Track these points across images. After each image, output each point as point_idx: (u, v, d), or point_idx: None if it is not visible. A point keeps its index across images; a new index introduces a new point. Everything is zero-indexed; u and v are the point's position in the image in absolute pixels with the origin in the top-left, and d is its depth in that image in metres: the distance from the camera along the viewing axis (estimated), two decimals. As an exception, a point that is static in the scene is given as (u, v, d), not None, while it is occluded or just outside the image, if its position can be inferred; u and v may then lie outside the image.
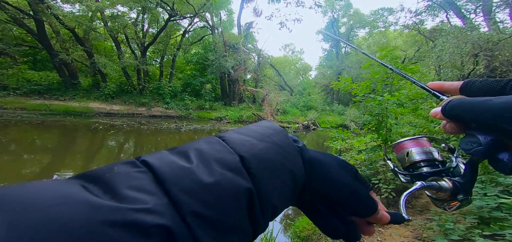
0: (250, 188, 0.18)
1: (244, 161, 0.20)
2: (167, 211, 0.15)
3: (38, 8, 8.76)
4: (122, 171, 0.16)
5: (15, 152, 4.72)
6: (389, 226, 2.15)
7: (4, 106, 8.29)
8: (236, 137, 0.22)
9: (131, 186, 0.15)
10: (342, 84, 2.92)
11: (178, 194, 0.16)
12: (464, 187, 0.26)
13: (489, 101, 0.21)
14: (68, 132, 6.79)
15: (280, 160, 0.22)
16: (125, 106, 10.97)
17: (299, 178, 0.23)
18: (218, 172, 0.18)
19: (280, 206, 0.21)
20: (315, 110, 15.25)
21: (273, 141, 0.23)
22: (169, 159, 0.18)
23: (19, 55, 11.03)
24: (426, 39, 12.78)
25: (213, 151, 0.20)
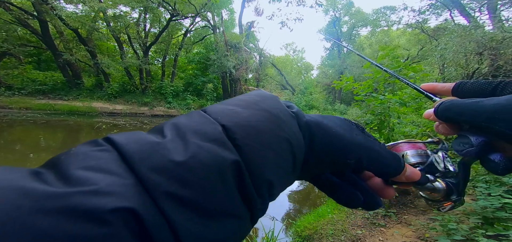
0: (236, 160, 0.16)
1: (227, 131, 0.17)
2: (132, 192, 0.12)
3: (42, 9, 8.84)
4: (79, 151, 0.14)
5: (20, 151, 4.80)
6: (392, 226, 2.16)
7: (10, 106, 8.41)
8: (219, 107, 0.19)
9: (86, 166, 0.13)
10: (344, 83, 2.91)
11: (147, 173, 0.13)
12: (457, 188, 0.27)
13: (480, 103, 0.21)
14: (72, 132, 6.88)
15: (271, 127, 0.18)
16: (127, 105, 11.06)
17: (298, 147, 0.20)
18: (195, 144, 0.15)
19: (277, 181, 0.18)
20: (317, 110, 15.22)
21: (261, 107, 0.19)
22: (138, 136, 0.15)
23: (24, 55, 11.18)
24: (429, 38, 12.64)
25: (191, 123, 0.17)
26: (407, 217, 2.23)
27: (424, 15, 12.78)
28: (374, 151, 0.22)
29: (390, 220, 2.22)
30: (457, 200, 0.27)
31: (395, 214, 2.29)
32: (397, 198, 2.47)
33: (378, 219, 2.22)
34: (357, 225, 2.15)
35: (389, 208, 2.39)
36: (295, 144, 0.19)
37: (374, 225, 2.12)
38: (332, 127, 0.21)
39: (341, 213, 2.42)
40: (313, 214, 2.48)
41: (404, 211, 2.36)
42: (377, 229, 2.05)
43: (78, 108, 9.59)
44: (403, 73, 2.74)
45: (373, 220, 2.18)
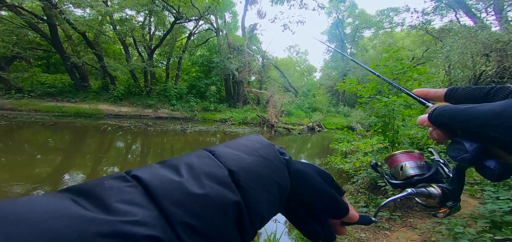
0: (238, 200, 0.20)
1: (233, 175, 0.21)
2: (157, 222, 0.15)
3: (51, 13, 9.12)
4: (112, 185, 0.17)
5: (29, 153, 4.92)
6: (397, 229, 2.12)
7: (19, 108, 8.66)
8: (226, 151, 0.23)
9: (122, 199, 0.16)
10: (347, 85, 2.91)
11: (168, 206, 0.16)
12: (453, 193, 0.27)
13: (474, 109, 0.21)
14: (79, 133, 7.02)
15: (267, 172, 0.23)
16: (132, 107, 11.23)
17: (285, 188, 0.25)
18: (207, 185, 0.19)
19: (267, 216, 0.23)
20: (320, 112, 15.14)
21: (260, 154, 0.24)
22: (159, 173, 0.19)
23: (34, 58, 11.50)
24: (434, 39, 12.49)
25: (203, 165, 0.21)
26: (413, 220, 2.19)
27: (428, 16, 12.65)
28: (335, 199, 0.28)
29: (394, 223, 2.19)
30: (453, 206, 0.27)
31: (400, 217, 2.26)
32: (402, 201, 2.44)
33: (383, 222, 2.19)
34: (360, 228, 2.13)
35: (394, 211, 2.35)
36: (283, 186, 0.24)
37: (378, 228, 2.09)
38: (313, 177, 0.28)
39: (345, 215, 2.39)
40: None
41: (410, 214, 2.32)
42: (382, 232, 2.02)
43: (84, 110, 9.79)
44: (408, 75, 2.72)
45: (377, 223, 2.16)
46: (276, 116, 11.21)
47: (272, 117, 11.06)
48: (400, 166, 0.32)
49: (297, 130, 10.83)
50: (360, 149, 3.45)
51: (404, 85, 2.82)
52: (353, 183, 3.22)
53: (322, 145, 8.22)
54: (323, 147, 8.23)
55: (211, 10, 12.26)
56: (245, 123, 12.21)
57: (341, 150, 3.91)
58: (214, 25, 14.04)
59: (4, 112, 8.19)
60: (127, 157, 5.48)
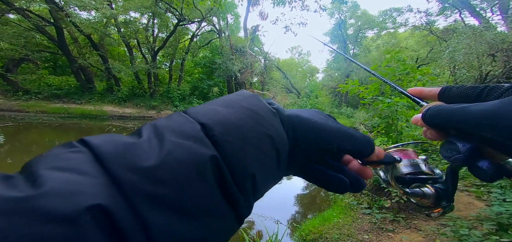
0: (214, 155, 0.16)
1: (206, 129, 0.17)
2: (103, 190, 0.12)
3: (58, 16, 9.30)
4: (51, 153, 0.14)
5: (36, 153, 5.01)
6: (401, 231, 2.10)
7: (26, 109, 8.82)
8: (200, 108, 0.20)
9: (54, 166, 0.12)
10: (350, 86, 2.90)
11: (120, 172, 0.13)
12: (446, 194, 0.27)
13: (467, 108, 0.21)
14: (83, 134, 7.06)
15: (251, 124, 0.19)
16: (136, 109, 11.36)
17: (280, 143, 0.20)
18: (171, 141, 0.15)
19: (261, 176, 0.18)
20: (323, 113, 15.04)
21: (241, 105, 0.20)
22: (114, 138, 0.15)
23: (41, 61, 11.74)
24: (439, 39, 12.35)
25: (169, 122, 0.17)
26: (417, 222, 2.17)
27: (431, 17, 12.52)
28: (350, 135, 0.23)
29: (398, 225, 2.17)
30: (447, 206, 0.27)
31: (404, 219, 2.24)
32: (406, 202, 2.42)
33: (386, 224, 2.18)
34: (363, 230, 2.12)
35: (398, 213, 2.33)
36: (276, 138, 0.20)
37: (381, 230, 2.08)
38: (312, 119, 0.23)
39: (347, 217, 2.39)
40: (318, 218, 2.46)
41: (414, 216, 2.30)
42: (385, 234, 2.01)
43: (90, 111, 9.94)
44: (411, 76, 2.70)
45: (380, 225, 2.14)
46: (279, 117, 11.20)
47: (275, 118, 11.05)
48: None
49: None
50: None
51: (406, 86, 2.80)
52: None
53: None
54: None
55: (213, 12, 12.35)
56: (248, 124, 12.21)
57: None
58: (216, 26, 14.14)
59: (12, 113, 8.35)
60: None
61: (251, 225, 2.65)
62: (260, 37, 17.18)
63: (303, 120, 0.22)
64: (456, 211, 2.19)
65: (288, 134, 0.21)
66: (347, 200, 2.76)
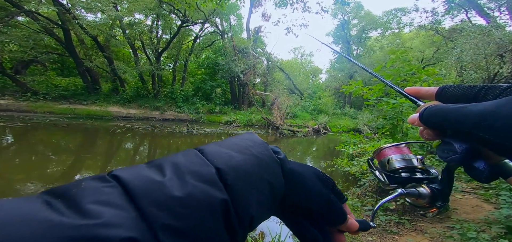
0: (225, 199, 0.19)
1: (221, 173, 0.20)
2: (135, 224, 0.14)
3: (65, 18, 9.52)
4: (89, 186, 0.16)
5: (43, 153, 5.13)
6: (406, 233, 2.07)
7: (35, 110, 9.04)
8: (215, 150, 0.22)
9: (97, 200, 0.15)
10: (353, 88, 2.88)
11: (148, 207, 0.16)
12: (442, 194, 0.27)
13: (464, 109, 0.21)
14: (89, 135, 7.26)
15: (258, 171, 0.22)
16: (140, 110, 11.50)
17: (278, 189, 0.23)
18: (191, 184, 0.18)
19: (257, 216, 0.22)
20: (326, 114, 14.96)
21: (252, 153, 0.23)
22: (141, 173, 0.18)
23: (49, 62, 12.02)
24: (445, 39, 12.15)
25: (188, 163, 0.20)
26: (423, 225, 2.13)
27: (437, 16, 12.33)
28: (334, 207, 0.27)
29: (403, 227, 2.14)
30: (442, 206, 0.27)
31: (409, 221, 2.20)
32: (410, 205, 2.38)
33: (391, 226, 2.15)
34: (367, 232, 2.09)
35: (402, 215, 2.30)
36: (276, 186, 0.23)
37: (386, 232, 2.05)
38: (309, 179, 0.26)
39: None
40: None
41: (420, 219, 2.26)
42: (389, 236, 1.98)
43: (95, 112, 10.11)
44: (416, 77, 2.66)
45: (385, 227, 2.11)
46: (281, 118, 11.18)
47: (277, 119, 11.04)
48: (387, 159, 0.33)
49: (302, 132, 10.75)
50: (367, 151, 3.39)
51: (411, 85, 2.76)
52: (360, 186, 3.17)
53: (328, 147, 8.13)
54: (329, 149, 8.14)
55: (216, 13, 12.45)
56: (250, 125, 12.24)
57: (347, 153, 3.86)
58: (219, 27, 14.24)
59: (20, 114, 8.57)
60: (135, 158, 5.61)
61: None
62: (263, 38, 17.23)
63: (302, 177, 0.26)
64: (464, 213, 2.14)
65: (286, 184, 0.25)
66: (351, 202, 2.73)
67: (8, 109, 8.71)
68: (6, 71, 9.87)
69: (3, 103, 8.91)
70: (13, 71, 10.25)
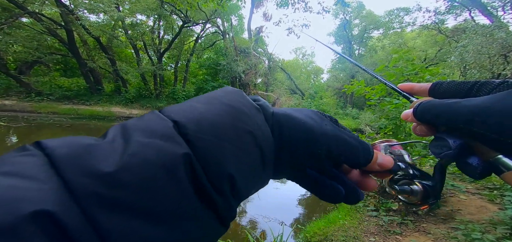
0: (186, 153, 0.14)
1: (179, 126, 0.16)
2: (51, 196, 0.11)
3: (68, 19, 9.59)
4: (4, 157, 0.13)
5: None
6: (409, 234, 2.07)
7: (38, 110, 9.11)
8: (176, 106, 0.18)
9: (3, 172, 0.12)
10: (355, 87, 2.87)
11: (72, 175, 0.12)
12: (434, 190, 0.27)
13: (458, 104, 0.21)
14: (92, 135, 7.29)
15: (231, 121, 0.17)
16: (143, 110, 11.56)
17: (264, 140, 0.19)
18: (137, 142, 0.14)
19: (241, 177, 0.17)
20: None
21: (221, 102, 0.19)
22: (74, 140, 0.14)
23: (53, 63, 12.14)
24: (448, 39, 12.06)
25: (139, 122, 0.16)
26: (426, 225, 2.12)
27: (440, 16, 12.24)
28: (342, 139, 0.21)
29: (406, 228, 2.13)
30: (433, 203, 0.27)
31: (412, 222, 2.19)
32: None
33: (394, 227, 2.14)
34: (370, 232, 2.08)
35: (405, 216, 2.29)
36: (260, 136, 0.18)
37: (388, 232, 2.04)
38: (300, 118, 0.21)
39: (353, 219, 2.36)
40: (323, 220, 2.44)
41: (423, 219, 2.25)
42: (392, 237, 1.97)
43: (98, 112, 10.18)
44: (419, 76, 2.65)
45: (387, 228, 2.11)
46: (283, 118, 11.18)
47: (279, 119, 11.03)
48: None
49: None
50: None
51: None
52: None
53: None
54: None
55: (217, 14, 12.49)
56: (252, 125, 12.24)
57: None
58: (220, 28, 14.28)
59: (24, 114, 8.63)
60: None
61: (256, 226, 2.66)
62: (264, 38, 17.25)
63: (291, 118, 0.21)
64: (468, 214, 2.13)
65: (274, 133, 0.20)
66: (353, 202, 2.72)
67: (13, 110, 8.77)
68: (10, 72, 9.98)
69: (8, 103, 8.99)
70: (17, 72, 10.37)
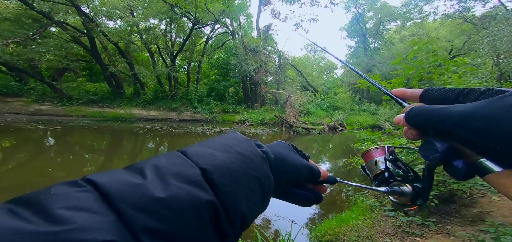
0: (211, 200, 0.18)
1: (206, 173, 0.20)
2: (114, 227, 0.14)
3: (89, 27, 10.30)
4: (59, 191, 0.15)
5: (79, 152, 5.70)
6: (430, 236, 1.95)
7: (70, 114, 10.05)
8: (198, 150, 0.22)
9: (69, 206, 0.14)
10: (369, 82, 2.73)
11: (127, 210, 0.15)
12: (423, 192, 0.28)
13: (446, 109, 0.22)
14: (116, 136, 7.87)
15: (244, 169, 0.22)
16: (159, 111, 12.15)
17: (267, 183, 0.24)
18: (174, 185, 0.18)
19: (249, 213, 0.21)
20: (343, 110, 14.45)
21: (236, 151, 0.24)
22: (119, 176, 0.17)
23: (80, 69, 13.21)
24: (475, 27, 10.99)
25: (170, 165, 0.19)
26: (451, 228, 1.99)
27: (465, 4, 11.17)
28: (313, 168, 0.31)
29: (428, 229, 2.02)
30: (422, 204, 0.29)
31: (435, 223, 2.07)
32: (437, 206, 2.23)
33: (413, 228, 2.04)
34: (386, 233, 2.01)
35: (427, 216, 2.16)
36: (263, 180, 0.24)
37: (407, 233, 1.95)
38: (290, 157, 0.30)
39: (368, 219, 2.28)
40: (335, 219, 2.39)
41: (447, 221, 2.12)
42: (411, 238, 1.89)
43: (120, 114, 10.91)
44: (443, 68, 2.46)
45: (406, 228, 2.01)
46: (295, 116, 11.03)
47: (291, 117, 10.91)
48: (374, 161, 0.34)
49: (317, 129, 10.51)
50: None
51: (437, 78, 2.56)
52: (379, 185, 3.03)
53: (346, 145, 7.84)
54: (347, 147, 7.86)
55: (225, 14, 12.64)
56: (263, 123, 12.26)
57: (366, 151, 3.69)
58: (229, 28, 14.42)
59: (59, 118, 9.59)
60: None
61: (267, 224, 2.68)
62: (273, 35, 17.09)
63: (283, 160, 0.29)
64: (500, 216, 1.96)
65: (275, 174, 0.26)
66: (369, 202, 2.63)
67: (49, 114, 9.78)
68: (45, 79, 11.05)
69: (44, 108, 10.03)
70: (51, 79, 11.46)
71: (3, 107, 9.37)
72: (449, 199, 2.38)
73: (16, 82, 10.59)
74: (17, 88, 10.50)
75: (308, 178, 0.31)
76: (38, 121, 8.42)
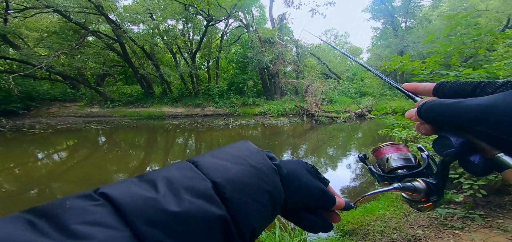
0: (223, 215, 0.18)
1: (218, 187, 0.20)
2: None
3: (119, 33, 11.28)
4: (75, 205, 0.15)
5: (124, 149, 6.61)
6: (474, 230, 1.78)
7: (114, 114, 11.52)
8: (209, 161, 0.22)
9: (85, 221, 0.14)
10: (398, 63, 2.48)
11: (142, 226, 0.15)
12: (437, 188, 0.27)
13: (462, 103, 0.21)
14: (151, 132, 8.78)
15: (256, 182, 0.22)
16: (185, 108, 13.01)
17: (278, 197, 0.24)
18: (187, 200, 0.18)
19: (259, 228, 0.21)
20: (372, 96, 13.40)
21: (248, 163, 0.23)
22: (132, 189, 0.17)
23: (116, 74, 14.81)
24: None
25: (183, 178, 0.19)
26: (502, 221, 1.79)
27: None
28: (326, 194, 0.30)
29: (472, 223, 1.84)
30: (437, 201, 0.28)
31: (482, 216, 1.87)
32: (486, 197, 1.99)
33: (453, 221, 1.88)
34: (418, 225, 1.90)
35: (472, 209, 1.96)
36: (275, 194, 0.23)
37: (444, 226, 1.82)
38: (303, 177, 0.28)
39: (398, 210, 2.17)
40: (359, 209, 2.32)
41: (499, 214, 1.89)
42: (449, 231, 1.75)
43: (153, 113, 12.03)
44: (489, 41, 2.09)
45: (443, 221, 1.87)
46: (317, 104, 10.66)
47: (312, 106, 10.58)
48: (385, 158, 0.33)
49: (342, 118, 10.03)
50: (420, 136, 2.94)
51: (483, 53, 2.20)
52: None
53: (376, 133, 7.34)
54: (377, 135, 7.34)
55: (237, 7, 12.59)
56: (284, 114, 12.18)
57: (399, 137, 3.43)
58: (243, 21, 14.31)
59: (106, 118, 11.09)
60: (186, 152, 6.54)
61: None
62: (289, 25, 16.43)
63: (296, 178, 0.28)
64: None
65: (285, 190, 0.26)
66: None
67: (98, 115, 11.37)
68: (91, 85, 12.75)
69: (94, 111, 11.71)
70: (96, 84, 13.17)
71: (64, 111, 11.22)
72: (501, 189, 2.10)
73: (71, 89, 12.55)
74: (72, 95, 12.46)
75: (320, 204, 0.29)
76: (90, 122, 9.97)
